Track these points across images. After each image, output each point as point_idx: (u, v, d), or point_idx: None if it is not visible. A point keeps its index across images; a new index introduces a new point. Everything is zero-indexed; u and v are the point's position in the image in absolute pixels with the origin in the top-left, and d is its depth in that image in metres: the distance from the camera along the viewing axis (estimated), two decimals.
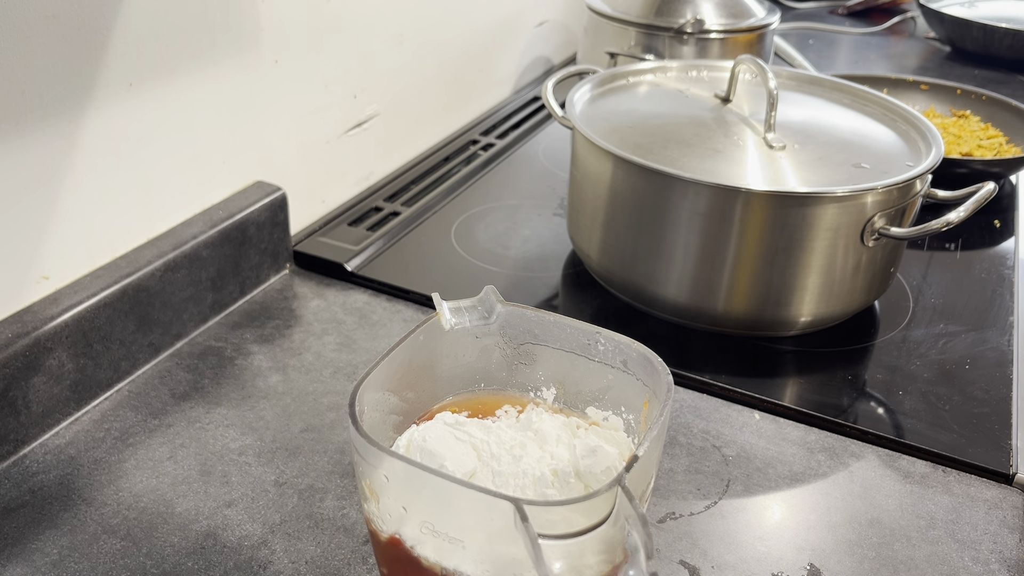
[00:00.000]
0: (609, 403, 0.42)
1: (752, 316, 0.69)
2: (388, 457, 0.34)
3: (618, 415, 0.42)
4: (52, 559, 0.50)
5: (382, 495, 0.35)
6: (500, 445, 0.37)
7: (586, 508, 0.31)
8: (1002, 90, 1.22)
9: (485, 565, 0.34)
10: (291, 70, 0.78)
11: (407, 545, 0.35)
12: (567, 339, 0.42)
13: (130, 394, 0.63)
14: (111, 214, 0.64)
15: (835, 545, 0.53)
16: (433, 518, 0.34)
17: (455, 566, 0.34)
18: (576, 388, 0.43)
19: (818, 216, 0.64)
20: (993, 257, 0.87)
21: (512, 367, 0.43)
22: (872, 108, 0.80)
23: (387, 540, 0.36)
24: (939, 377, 0.68)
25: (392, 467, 0.34)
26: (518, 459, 0.37)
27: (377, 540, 0.37)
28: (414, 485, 0.34)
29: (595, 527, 0.31)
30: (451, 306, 0.42)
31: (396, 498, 0.34)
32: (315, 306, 0.74)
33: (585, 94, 0.79)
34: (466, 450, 0.37)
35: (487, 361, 0.43)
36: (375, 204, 0.90)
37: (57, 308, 0.58)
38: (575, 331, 0.42)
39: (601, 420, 0.42)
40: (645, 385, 0.40)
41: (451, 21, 1.03)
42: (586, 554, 0.32)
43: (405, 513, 0.35)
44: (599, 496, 0.31)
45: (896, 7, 1.77)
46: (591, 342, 0.41)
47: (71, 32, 0.57)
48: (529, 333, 0.43)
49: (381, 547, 0.37)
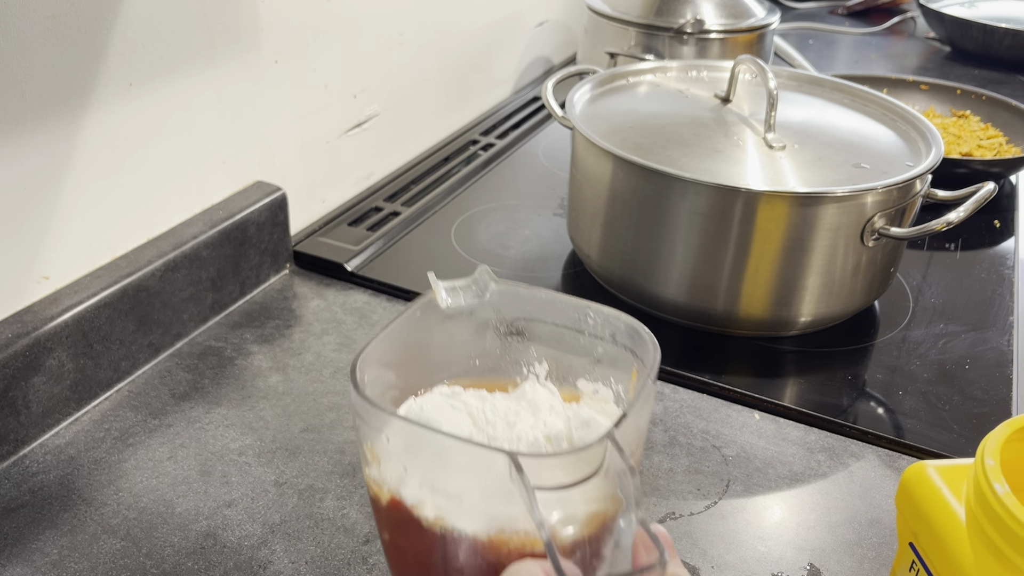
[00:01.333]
0: (599, 375, 0.43)
1: (752, 316, 0.69)
2: (389, 418, 0.35)
3: (608, 386, 0.43)
4: (52, 559, 0.50)
5: (383, 457, 0.36)
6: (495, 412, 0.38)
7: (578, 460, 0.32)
8: (1002, 90, 1.22)
9: (482, 523, 0.34)
10: (291, 70, 0.78)
11: (407, 505, 0.36)
12: (558, 314, 0.43)
13: (130, 394, 0.63)
14: (111, 214, 0.64)
15: (835, 545, 0.53)
16: (432, 476, 0.35)
17: (453, 524, 0.35)
18: (568, 362, 0.44)
19: (818, 216, 0.64)
20: (993, 257, 0.87)
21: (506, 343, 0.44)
22: (872, 108, 0.80)
23: (388, 503, 0.37)
24: (939, 377, 0.68)
25: (393, 428, 0.35)
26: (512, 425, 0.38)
27: (378, 505, 0.38)
28: (414, 445, 0.35)
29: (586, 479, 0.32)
30: (446, 285, 0.43)
31: (397, 459, 0.36)
32: (315, 306, 0.74)
33: (585, 94, 0.79)
34: (462, 417, 0.38)
35: (481, 337, 0.44)
36: (375, 204, 0.90)
37: (57, 308, 0.58)
38: (566, 306, 0.43)
39: (592, 392, 0.43)
40: (633, 355, 0.41)
41: (451, 21, 1.03)
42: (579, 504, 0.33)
43: (405, 473, 0.36)
44: (590, 449, 0.32)
45: (896, 7, 1.77)
46: (581, 316, 0.42)
47: (71, 32, 0.57)
48: (522, 309, 0.44)
49: (382, 511, 0.38)
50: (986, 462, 0.38)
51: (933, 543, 0.41)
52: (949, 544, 0.40)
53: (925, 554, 0.42)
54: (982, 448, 0.39)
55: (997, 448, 0.39)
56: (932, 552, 0.41)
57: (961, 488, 0.41)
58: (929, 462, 0.44)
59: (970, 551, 0.39)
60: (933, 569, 0.41)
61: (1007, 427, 0.40)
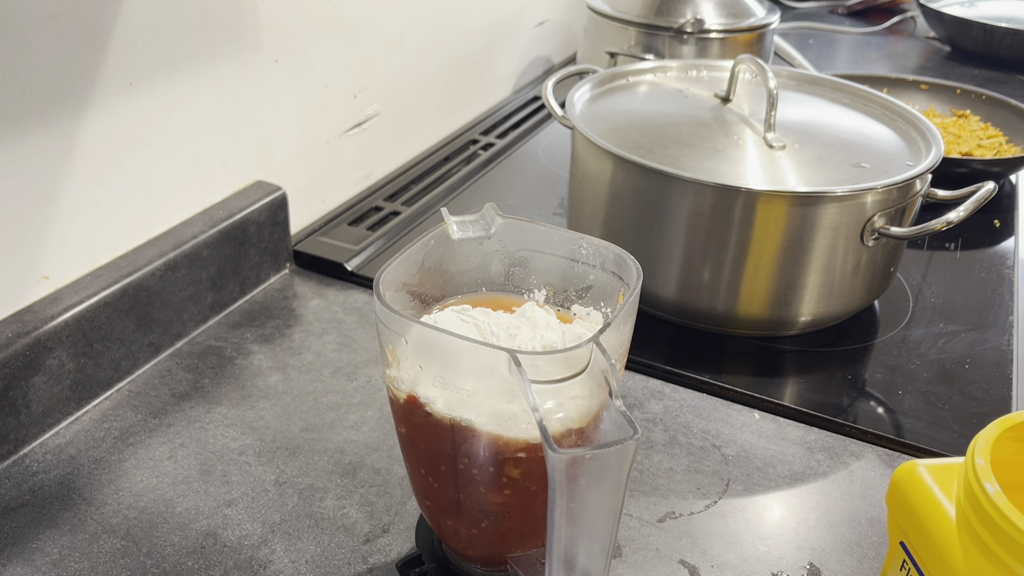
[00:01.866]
0: (591, 300, 0.48)
1: (752, 316, 0.69)
2: (407, 322, 0.40)
3: (598, 310, 0.48)
4: (52, 559, 0.50)
5: (402, 358, 0.41)
6: (499, 326, 0.44)
7: (567, 359, 0.38)
8: (1002, 90, 1.22)
9: (486, 416, 0.40)
10: (291, 70, 0.78)
11: (421, 401, 0.41)
12: (556, 245, 0.48)
13: (130, 394, 0.63)
14: (111, 214, 0.64)
15: (835, 545, 0.53)
16: (444, 373, 0.40)
17: (461, 415, 0.40)
18: (564, 287, 0.49)
19: (818, 216, 0.64)
20: (993, 257, 0.87)
21: (509, 272, 0.50)
22: (872, 108, 0.80)
23: (405, 400, 0.42)
24: (939, 377, 0.68)
25: (410, 331, 0.40)
26: (513, 337, 0.43)
27: (396, 403, 0.43)
28: (428, 346, 0.40)
29: (575, 376, 0.38)
30: (457, 220, 0.48)
31: (413, 358, 0.41)
32: (315, 306, 0.74)
33: (585, 94, 0.79)
34: (470, 329, 0.43)
35: (487, 266, 0.50)
36: (375, 204, 0.90)
37: (57, 308, 0.58)
38: (563, 238, 0.48)
39: (584, 315, 0.48)
40: (620, 280, 0.46)
41: (451, 21, 1.03)
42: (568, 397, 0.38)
43: (420, 371, 0.41)
44: (578, 349, 0.38)
45: (896, 7, 1.77)
46: (576, 247, 0.47)
47: (71, 32, 0.57)
48: (524, 241, 0.49)
49: (400, 407, 0.43)
50: (976, 462, 0.38)
51: (924, 542, 0.41)
52: (939, 543, 0.40)
53: (916, 553, 0.42)
54: (972, 448, 0.39)
55: (987, 447, 0.39)
56: (923, 551, 0.41)
57: (951, 487, 0.41)
58: (920, 461, 0.44)
59: (960, 550, 0.39)
60: (924, 568, 0.41)
61: (997, 426, 0.40)
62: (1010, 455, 0.41)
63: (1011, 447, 0.41)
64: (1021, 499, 0.39)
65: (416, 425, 0.43)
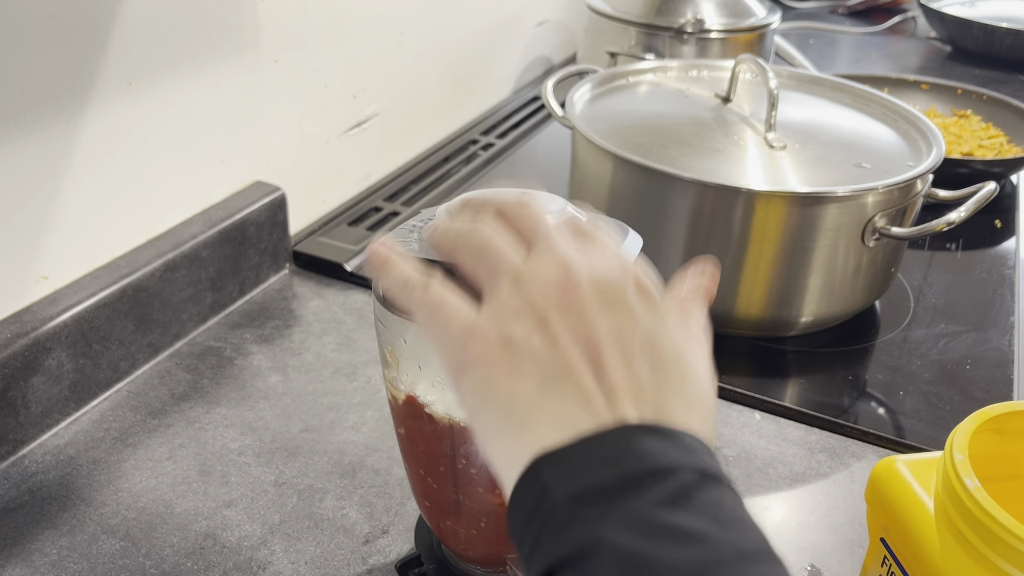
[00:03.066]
0: None
1: (753, 316, 0.69)
2: (406, 323, 0.40)
3: None
4: (51, 559, 0.50)
5: (401, 358, 0.42)
6: None
7: None
8: (1003, 90, 1.22)
9: None
10: (291, 70, 0.78)
11: (420, 401, 0.41)
12: None
13: (129, 394, 0.63)
14: (110, 214, 0.64)
15: (836, 545, 0.53)
16: (442, 375, 0.40)
17: (460, 417, 0.41)
18: None
19: (819, 216, 0.64)
20: (994, 257, 0.87)
21: None
22: (873, 108, 0.80)
23: (404, 401, 0.42)
24: (940, 377, 0.68)
25: (409, 331, 0.40)
26: None
27: (395, 404, 0.44)
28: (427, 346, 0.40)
29: None
30: None
31: (412, 359, 0.41)
32: (315, 306, 0.74)
33: (585, 94, 0.79)
34: None
35: None
36: (375, 204, 0.90)
37: (56, 308, 0.58)
38: None
39: None
40: None
41: (451, 21, 1.03)
42: None
43: (419, 372, 0.41)
44: None
45: (897, 7, 1.77)
46: None
47: (71, 32, 0.57)
48: None
49: (399, 408, 0.43)
50: (955, 457, 0.38)
51: (903, 537, 0.41)
52: (919, 536, 0.40)
53: (896, 548, 0.42)
54: (950, 442, 0.39)
55: (965, 442, 0.39)
56: (903, 546, 0.41)
57: (930, 481, 0.41)
58: (898, 456, 0.44)
59: (939, 543, 0.39)
60: (904, 563, 0.41)
61: (973, 420, 0.41)
62: (988, 447, 0.41)
63: (989, 439, 0.41)
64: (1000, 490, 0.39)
65: (415, 426, 0.43)
